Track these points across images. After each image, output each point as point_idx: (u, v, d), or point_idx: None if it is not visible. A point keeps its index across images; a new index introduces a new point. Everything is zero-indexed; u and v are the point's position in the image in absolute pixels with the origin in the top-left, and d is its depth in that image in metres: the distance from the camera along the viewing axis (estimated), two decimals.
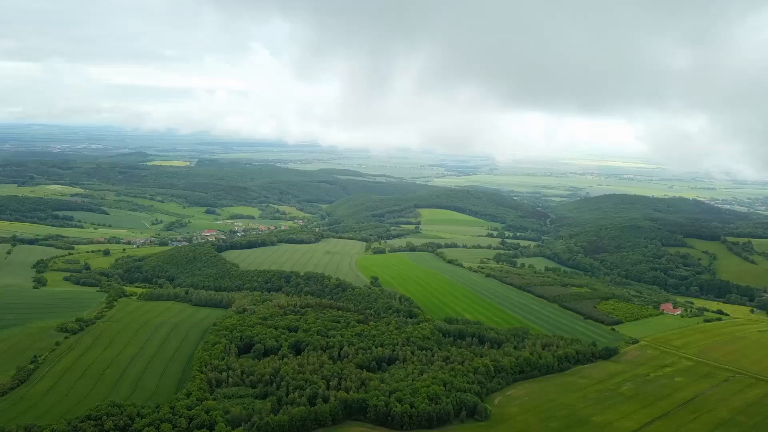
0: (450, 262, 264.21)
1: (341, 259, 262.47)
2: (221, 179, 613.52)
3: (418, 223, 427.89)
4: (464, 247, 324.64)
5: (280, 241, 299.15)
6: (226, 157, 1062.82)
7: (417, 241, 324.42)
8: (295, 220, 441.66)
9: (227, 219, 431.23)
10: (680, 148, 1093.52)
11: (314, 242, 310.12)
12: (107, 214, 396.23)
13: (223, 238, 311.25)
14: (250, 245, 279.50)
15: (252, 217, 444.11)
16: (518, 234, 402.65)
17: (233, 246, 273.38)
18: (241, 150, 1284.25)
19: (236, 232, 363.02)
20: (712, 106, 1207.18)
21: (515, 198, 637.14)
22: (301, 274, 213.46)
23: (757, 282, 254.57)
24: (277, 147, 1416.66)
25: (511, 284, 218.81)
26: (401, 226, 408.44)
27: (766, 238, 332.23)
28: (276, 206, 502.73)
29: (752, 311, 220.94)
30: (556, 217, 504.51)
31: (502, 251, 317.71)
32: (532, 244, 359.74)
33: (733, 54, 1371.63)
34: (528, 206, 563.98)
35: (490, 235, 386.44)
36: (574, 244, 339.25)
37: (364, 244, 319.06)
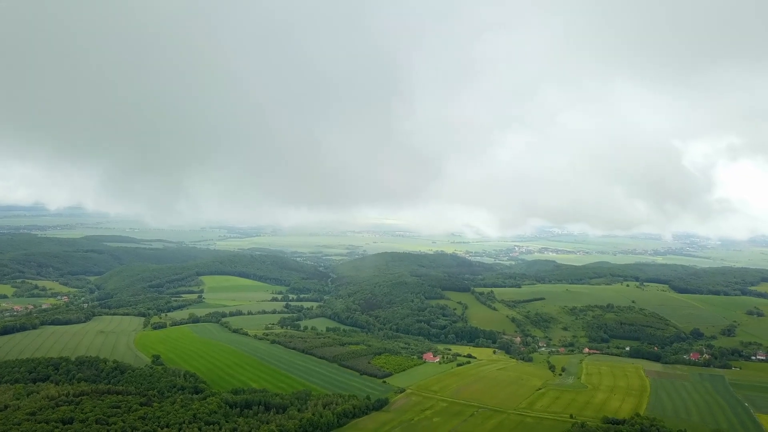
0: (235, 331, 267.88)
1: (117, 338, 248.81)
2: None
3: (201, 291, 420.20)
4: (249, 314, 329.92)
5: (43, 323, 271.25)
6: None
7: (200, 312, 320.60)
8: (59, 297, 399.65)
9: None
10: (439, 216, 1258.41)
11: (84, 321, 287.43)
12: None
13: None
14: (6, 331, 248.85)
15: (5, 296, 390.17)
16: (302, 296, 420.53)
17: None
18: None
19: None
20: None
21: (298, 259, 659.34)
22: (72, 359, 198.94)
23: (498, 326, 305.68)
24: (33, 212, 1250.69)
25: (294, 349, 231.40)
26: (183, 296, 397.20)
27: (504, 287, 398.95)
28: (34, 282, 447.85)
29: (494, 352, 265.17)
30: (337, 276, 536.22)
31: (286, 315, 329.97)
32: (315, 305, 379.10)
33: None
34: (310, 267, 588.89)
35: (274, 299, 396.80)
36: (352, 303, 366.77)
37: (143, 319, 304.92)
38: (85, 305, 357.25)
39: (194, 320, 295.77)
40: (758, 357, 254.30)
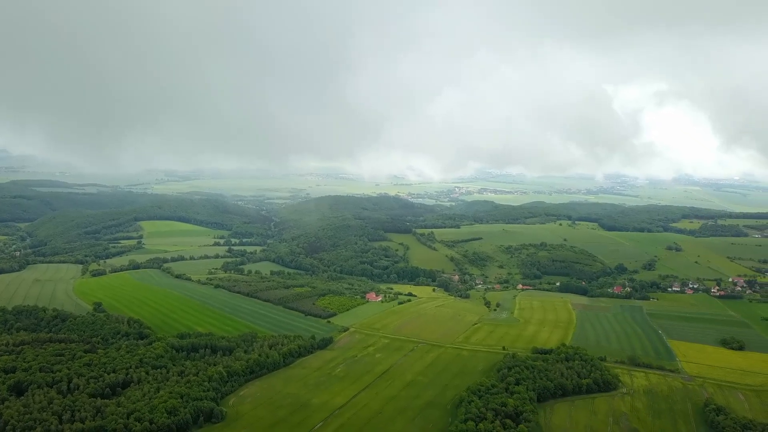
0: (178, 276, 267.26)
1: (55, 286, 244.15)
2: None
3: (141, 237, 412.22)
4: (191, 259, 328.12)
5: None
6: None
7: (141, 258, 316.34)
8: None
9: None
10: (382, 160, 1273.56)
11: (18, 270, 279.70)
12: None
13: None
14: None
15: None
16: (244, 240, 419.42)
17: None
18: None
19: None
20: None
21: (239, 203, 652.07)
22: (9, 309, 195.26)
23: (437, 265, 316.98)
24: None
25: (239, 292, 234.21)
26: (121, 242, 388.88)
27: (444, 227, 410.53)
28: None
29: (434, 290, 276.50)
30: (280, 220, 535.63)
31: (229, 259, 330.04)
32: (258, 249, 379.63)
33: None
34: (253, 211, 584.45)
35: (216, 244, 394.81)
36: (296, 246, 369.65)
37: (80, 266, 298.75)
38: (17, 253, 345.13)
39: (135, 267, 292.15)
40: (674, 288, 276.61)
